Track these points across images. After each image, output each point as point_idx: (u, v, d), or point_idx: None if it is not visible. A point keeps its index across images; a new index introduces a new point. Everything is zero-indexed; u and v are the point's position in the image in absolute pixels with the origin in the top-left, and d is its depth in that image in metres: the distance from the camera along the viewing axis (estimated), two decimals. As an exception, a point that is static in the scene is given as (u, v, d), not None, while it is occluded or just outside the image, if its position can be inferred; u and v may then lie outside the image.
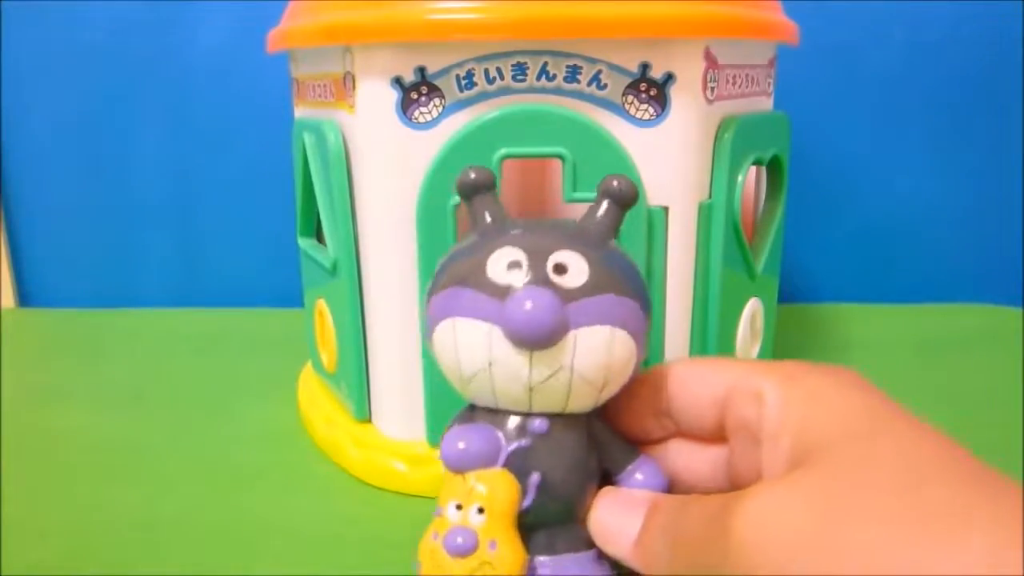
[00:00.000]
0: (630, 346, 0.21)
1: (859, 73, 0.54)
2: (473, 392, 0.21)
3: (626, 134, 0.28)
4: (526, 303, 0.19)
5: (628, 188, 0.22)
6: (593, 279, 0.20)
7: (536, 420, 0.21)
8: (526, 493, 0.20)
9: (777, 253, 0.37)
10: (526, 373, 0.20)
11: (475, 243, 0.22)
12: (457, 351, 0.20)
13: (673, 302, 0.30)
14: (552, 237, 0.21)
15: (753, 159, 0.32)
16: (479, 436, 0.21)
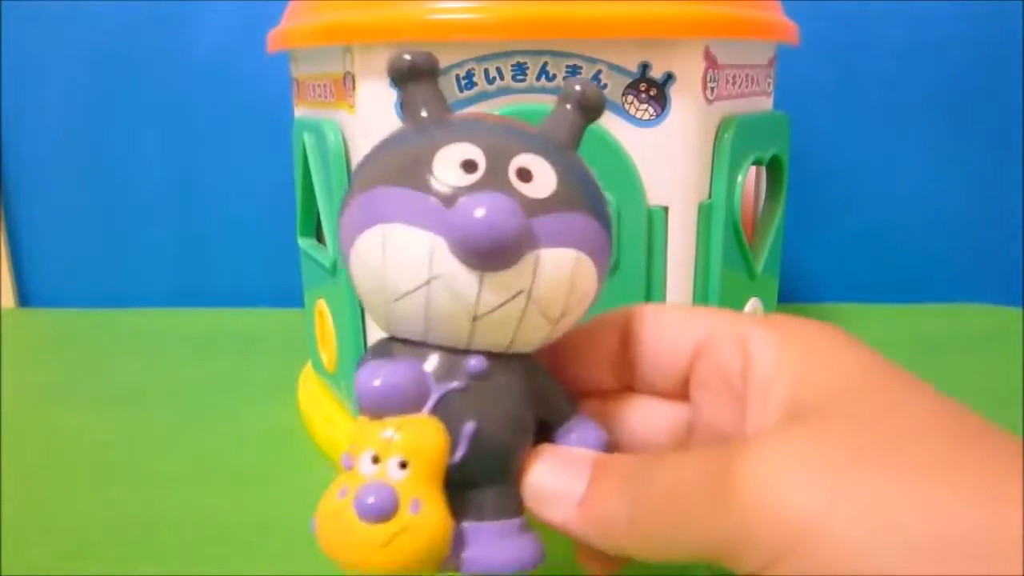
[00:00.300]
0: (594, 277, 0.18)
1: (859, 73, 0.54)
2: (398, 318, 0.17)
3: (626, 134, 0.27)
4: (484, 208, 0.16)
5: (592, 92, 0.19)
6: (562, 192, 0.17)
7: (473, 358, 0.17)
8: (457, 445, 0.17)
9: (777, 253, 0.37)
10: (473, 297, 0.16)
11: (414, 135, 0.18)
12: (385, 266, 0.17)
13: (673, 299, 0.30)
14: (515, 138, 0.18)
15: (753, 159, 0.32)
16: (403, 373, 0.17)
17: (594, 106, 0.19)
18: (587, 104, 0.19)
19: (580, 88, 0.19)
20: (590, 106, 0.19)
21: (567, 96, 0.19)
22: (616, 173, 0.28)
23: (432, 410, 0.17)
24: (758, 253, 0.35)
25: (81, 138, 0.57)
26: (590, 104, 0.19)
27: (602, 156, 0.27)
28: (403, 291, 0.17)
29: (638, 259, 0.28)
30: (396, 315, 0.17)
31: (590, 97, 0.19)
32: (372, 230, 0.17)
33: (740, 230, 0.31)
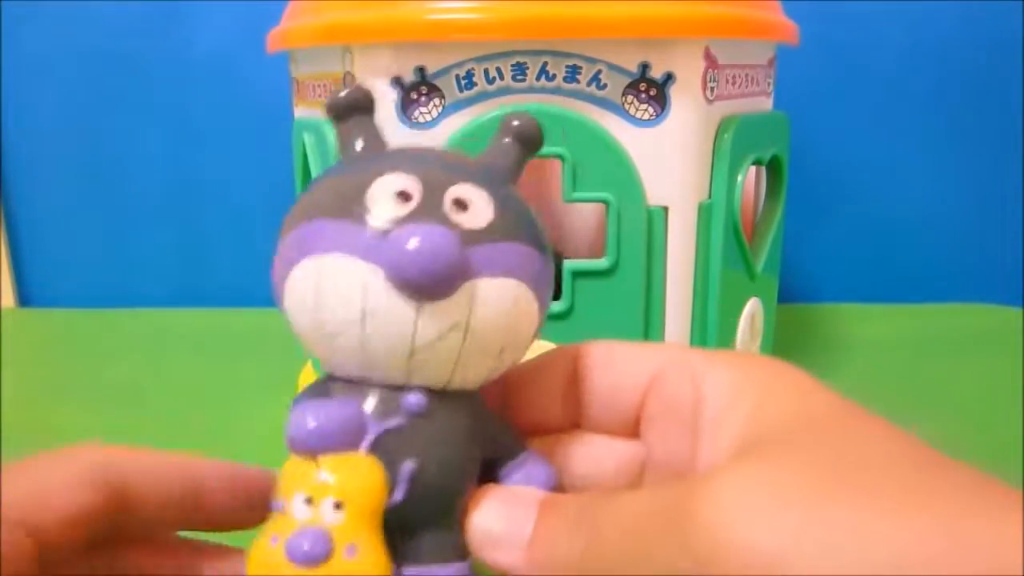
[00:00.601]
0: (535, 308, 0.17)
1: (859, 73, 0.54)
2: (334, 356, 0.17)
3: (626, 134, 0.27)
4: (418, 237, 0.15)
5: (528, 125, 0.19)
6: (499, 222, 0.17)
7: (412, 395, 0.17)
8: (395, 486, 0.16)
9: (777, 253, 0.37)
10: (410, 329, 0.16)
11: (348, 168, 0.18)
12: (320, 300, 0.16)
13: (673, 301, 0.30)
14: (451, 168, 0.17)
15: (753, 159, 0.32)
16: (336, 411, 0.16)
17: (530, 139, 0.19)
18: (524, 137, 0.19)
19: (517, 122, 0.19)
20: (526, 139, 0.19)
21: (505, 129, 0.19)
22: (616, 173, 0.28)
23: (370, 449, 0.16)
24: (758, 253, 0.35)
25: (81, 138, 0.57)
26: (526, 138, 0.19)
27: (602, 156, 0.27)
28: (337, 326, 0.16)
29: (638, 259, 0.28)
30: (333, 352, 0.17)
31: (526, 130, 0.19)
32: (305, 263, 0.16)
33: (740, 230, 0.31)
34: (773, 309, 0.38)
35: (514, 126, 0.19)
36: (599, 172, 0.27)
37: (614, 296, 0.29)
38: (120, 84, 0.55)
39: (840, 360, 0.44)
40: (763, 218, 0.37)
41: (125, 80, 0.55)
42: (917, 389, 0.40)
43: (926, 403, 0.39)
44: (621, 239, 0.28)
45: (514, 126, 0.19)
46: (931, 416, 0.37)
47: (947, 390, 0.40)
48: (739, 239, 0.32)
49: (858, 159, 0.55)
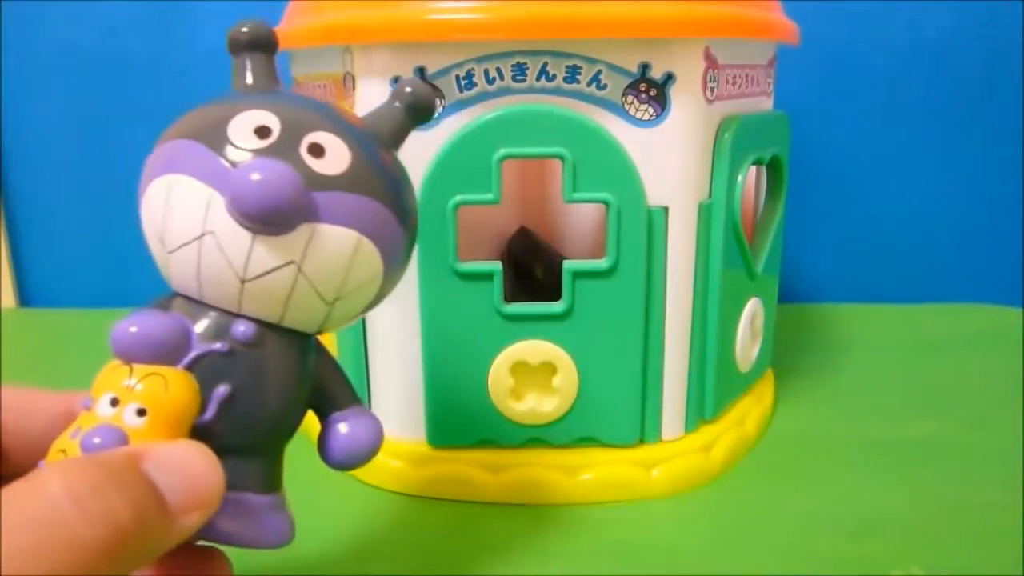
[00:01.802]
0: (376, 266, 0.18)
1: (859, 73, 0.54)
2: (174, 272, 0.18)
3: (626, 134, 0.27)
4: (259, 172, 0.16)
5: (423, 94, 0.19)
6: (353, 174, 0.17)
7: (241, 324, 0.17)
8: (206, 406, 0.17)
9: (777, 253, 0.37)
10: (242, 258, 0.17)
11: (225, 98, 0.18)
12: (166, 216, 0.17)
13: (673, 301, 0.30)
14: (318, 115, 0.18)
15: (753, 159, 0.32)
16: (160, 323, 0.17)
17: (419, 108, 0.20)
18: (415, 107, 0.19)
19: (411, 89, 0.19)
20: (415, 108, 0.19)
21: (398, 94, 0.19)
22: (616, 173, 0.27)
23: (187, 366, 0.17)
24: (758, 253, 0.35)
25: (81, 138, 0.56)
26: (415, 106, 0.19)
27: (603, 156, 0.27)
28: (178, 242, 0.17)
29: (638, 259, 0.28)
30: (172, 268, 0.18)
31: (417, 100, 0.19)
32: (161, 179, 0.17)
33: (740, 230, 0.31)
34: (774, 309, 0.38)
35: (406, 92, 0.19)
36: (599, 172, 0.27)
37: (614, 296, 0.28)
38: (120, 84, 0.55)
39: (841, 360, 0.44)
40: (763, 218, 0.36)
41: (125, 80, 0.55)
42: (919, 390, 0.40)
43: (928, 404, 0.38)
44: (621, 239, 0.28)
45: (406, 92, 0.19)
46: (933, 417, 0.37)
47: (948, 391, 0.40)
48: (739, 239, 0.32)
49: (859, 159, 0.55)
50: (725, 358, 0.33)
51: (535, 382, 0.30)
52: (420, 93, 0.19)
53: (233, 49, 0.19)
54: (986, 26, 0.53)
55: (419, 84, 0.19)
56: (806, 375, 0.42)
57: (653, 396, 0.30)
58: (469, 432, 0.30)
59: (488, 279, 0.28)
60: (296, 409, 0.19)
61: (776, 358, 0.40)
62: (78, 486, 0.13)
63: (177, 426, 0.16)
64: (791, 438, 0.35)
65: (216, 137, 0.17)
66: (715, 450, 0.32)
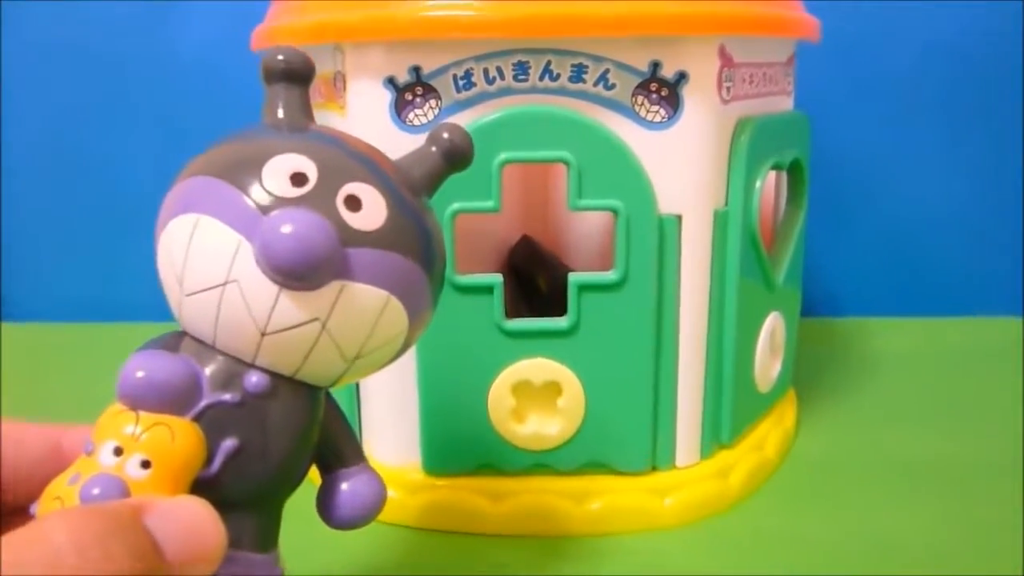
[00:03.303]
0: (402, 324, 0.18)
1: (882, 71, 0.53)
2: (190, 315, 0.18)
3: (636, 137, 0.27)
4: (293, 224, 0.16)
5: (461, 142, 0.19)
6: (388, 229, 0.17)
7: (255, 374, 0.17)
8: (212, 459, 0.17)
9: (798, 263, 0.37)
10: (265, 311, 0.17)
11: (259, 134, 0.18)
12: (188, 257, 0.17)
13: (687, 316, 0.29)
14: (357, 164, 0.18)
15: (772, 163, 0.31)
16: (171, 369, 0.17)
17: (456, 156, 0.20)
18: (452, 154, 0.20)
19: (448, 136, 0.19)
20: (454, 157, 0.20)
21: (434, 139, 0.20)
22: (625, 179, 0.27)
23: (196, 417, 0.17)
24: (778, 263, 0.35)
25: (66, 146, 0.56)
26: (455, 155, 0.20)
27: (610, 161, 0.27)
28: (199, 287, 0.17)
29: (648, 271, 0.28)
30: (188, 311, 0.18)
31: (457, 147, 0.20)
32: (185, 217, 0.17)
33: (758, 239, 0.31)
34: (795, 323, 0.38)
35: (443, 139, 0.20)
36: (607, 178, 0.27)
37: (623, 311, 0.28)
38: (103, 87, 0.55)
39: (866, 378, 0.44)
40: (783, 226, 0.36)
41: (108, 83, 0.55)
42: (948, 408, 0.40)
43: (957, 423, 0.38)
44: (630, 250, 0.28)
45: (443, 139, 0.20)
46: (963, 437, 0.37)
47: (979, 409, 0.40)
48: (757, 249, 0.31)
49: (883, 162, 0.55)
50: (743, 377, 0.32)
51: (539, 403, 0.29)
52: (457, 139, 0.20)
53: (268, 79, 0.19)
54: (1013, 20, 0.52)
55: (457, 130, 0.20)
56: (830, 394, 0.42)
57: (666, 418, 0.30)
58: (468, 457, 0.30)
59: (488, 292, 0.28)
60: (302, 464, 0.19)
61: (798, 376, 0.40)
62: (83, 537, 0.14)
63: (181, 479, 0.16)
64: (814, 462, 0.35)
65: (250, 180, 0.17)
66: (733, 476, 0.32)
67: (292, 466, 0.19)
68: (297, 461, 0.19)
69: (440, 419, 0.29)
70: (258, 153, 0.17)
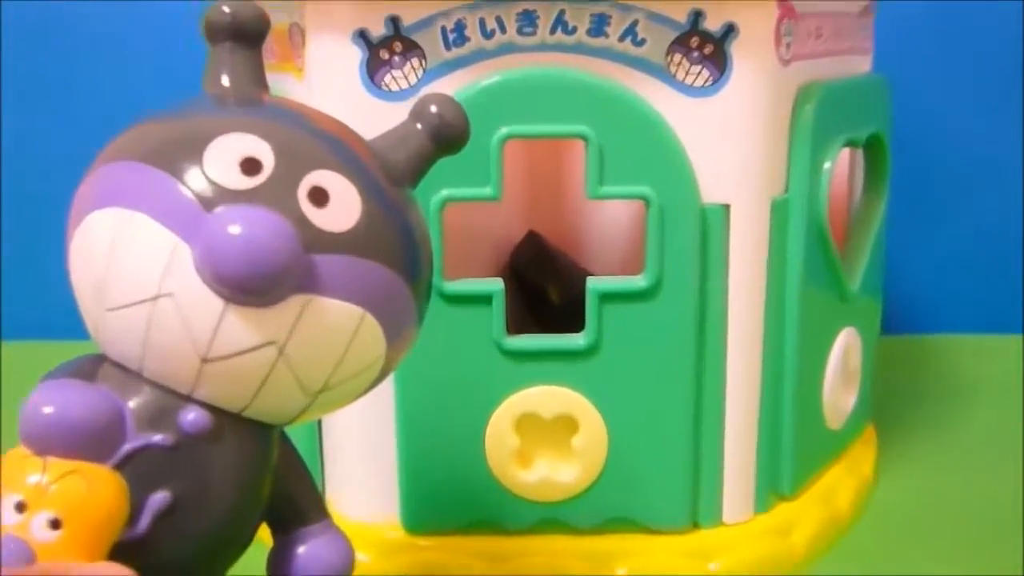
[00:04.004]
0: (378, 349, 0.18)
1: (982, 27, 0.53)
2: (111, 335, 0.17)
3: (672, 106, 0.27)
4: (243, 224, 0.16)
5: (452, 117, 0.20)
6: (364, 230, 0.17)
7: (192, 410, 0.17)
8: (138, 516, 0.17)
9: (878, 267, 0.37)
10: (207, 332, 0.16)
11: (199, 108, 0.18)
12: (111, 264, 0.17)
13: (737, 333, 0.29)
14: (324, 146, 0.18)
15: (844, 140, 0.32)
16: (86, 403, 0.17)
17: (450, 137, 0.20)
18: (442, 132, 0.20)
19: (437, 109, 0.19)
20: (445, 136, 0.20)
21: (420, 114, 0.20)
22: (659, 160, 0.27)
23: (118, 464, 0.17)
24: (852, 267, 0.35)
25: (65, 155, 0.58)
26: (445, 133, 0.20)
27: (640, 136, 0.27)
28: (123, 300, 0.17)
29: (688, 276, 0.28)
30: (110, 330, 0.17)
31: (448, 124, 0.20)
32: (107, 212, 0.17)
33: (828, 236, 0.31)
34: (874, 343, 0.38)
35: (430, 113, 0.20)
36: (635, 158, 0.27)
37: (655, 326, 0.28)
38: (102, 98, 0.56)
39: (963, 410, 0.44)
40: (859, 219, 0.36)
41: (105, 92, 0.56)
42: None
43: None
44: (665, 249, 0.28)
45: (430, 113, 0.20)
46: None
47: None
48: (826, 248, 0.31)
49: (983, 142, 0.55)
50: (808, 411, 0.32)
51: (549, 443, 0.29)
52: (448, 113, 0.20)
53: (210, 36, 0.19)
54: None
55: (447, 102, 0.20)
56: (917, 431, 0.42)
57: (710, 463, 0.30)
58: (459, 511, 0.30)
59: (485, 303, 0.28)
60: (250, 522, 0.19)
61: (877, 410, 0.40)
62: None
63: (99, 541, 0.16)
64: (898, 516, 0.35)
65: (188, 167, 0.17)
66: (795, 535, 0.32)
67: (238, 525, 0.19)
68: (244, 518, 0.19)
69: (424, 463, 0.29)
70: (199, 132, 0.17)
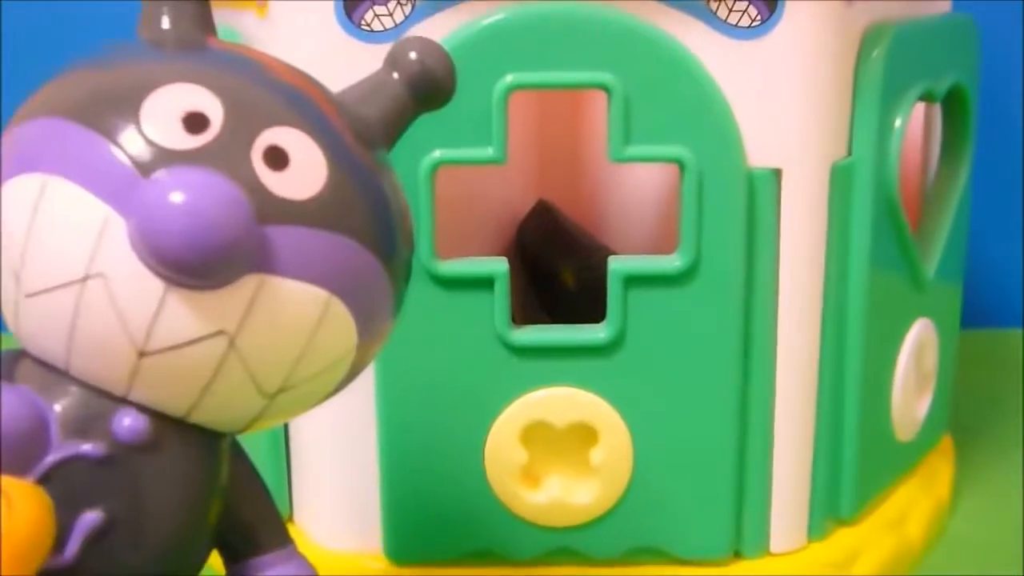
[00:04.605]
0: (348, 340, 0.19)
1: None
2: (30, 323, 0.18)
3: (713, 51, 0.27)
4: (186, 190, 0.16)
5: (436, 62, 0.20)
6: (329, 198, 0.18)
7: (128, 415, 0.18)
8: (66, 540, 0.17)
9: (959, 247, 0.37)
10: (145, 320, 0.17)
11: (134, 55, 0.18)
12: (29, 238, 0.17)
13: (789, 326, 0.29)
14: (283, 98, 0.18)
15: (920, 92, 0.31)
16: (7, 409, 0.17)
17: (431, 88, 0.20)
18: (418, 82, 0.20)
19: (417, 55, 0.20)
20: (425, 88, 0.20)
21: (396, 61, 0.20)
22: (697, 115, 0.27)
23: (41, 478, 0.17)
24: (929, 247, 0.35)
25: None
26: (426, 84, 0.20)
27: (674, 87, 0.27)
28: (44, 283, 0.17)
29: (731, 256, 0.28)
30: (30, 319, 0.18)
31: (429, 72, 0.20)
32: (23, 179, 0.17)
33: (899, 208, 0.31)
34: (954, 339, 0.38)
35: (409, 60, 0.20)
36: (668, 113, 0.27)
37: (692, 317, 0.28)
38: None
39: None
40: (937, 189, 0.36)
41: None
42: None
43: None
44: (704, 223, 0.28)
45: (409, 60, 0.20)
46: None
47: None
48: (898, 223, 0.31)
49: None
50: (874, 419, 0.32)
51: (562, 457, 0.29)
52: (430, 60, 0.20)
53: None
54: None
55: (429, 46, 0.20)
56: (1002, 444, 0.42)
57: (756, 482, 0.30)
58: (453, 539, 0.30)
59: (486, 287, 0.28)
60: (197, 548, 0.20)
61: (957, 418, 0.40)
62: None
63: (20, 568, 0.17)
64: (979, 545, 0.35)
65: (122, 124, 0.17)
66: (857, 567, 0.32)
67: (182, 550, 0.19)
68: (189, 543, 0.19)
69: (412, 481, 0.30)
70: (135, 84, 0.17)
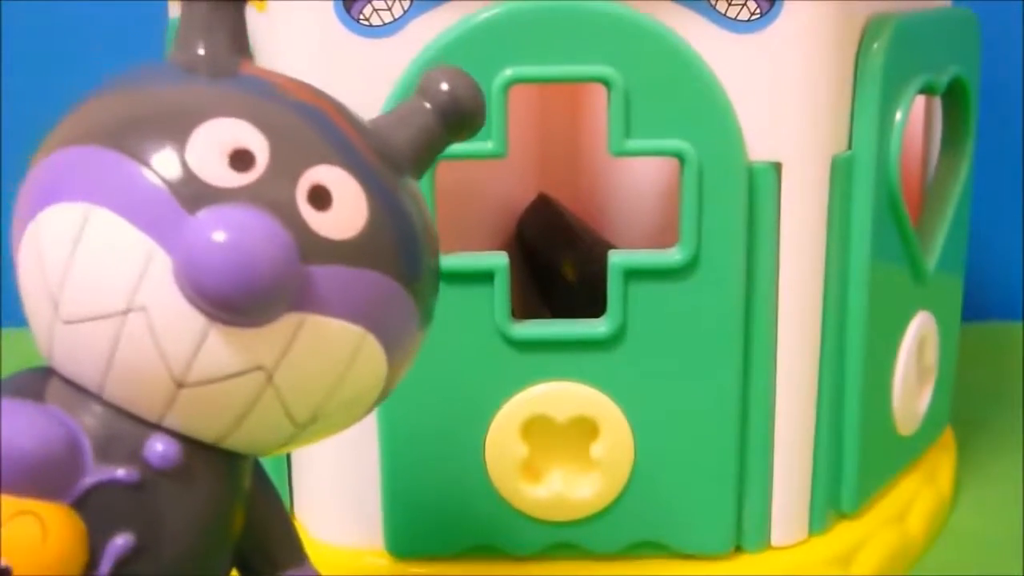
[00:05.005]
0: (378, 372, 0.19)
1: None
2: (67, 351, 0.18)
3: (713, 44, 0.27)
4: (232, 230, 0.16)
5: (465, 96, 0.20)
6: (369, 238, 0.18)
7: (160, 440, 0.18)
8: (97, 562, 0.18)
9: (960, 241, 0.37)
10: (186, 354, 0.17)
11: (177, 82, 0.19)
12: (69, 267, 0.17)
13: (789, 318, 0.30)
14: (326, 136, 0.18)
15: (921, 85, 0.32)
16: (39, 430, 0.17)
17: (458, 118, 0.20)
18: (451, 113, 0.20)
19: (447, 85, 0.20)
20: (457, 113, 0.20)
21: (427, 91, 0.20)
22: (697, 108, 0.27)
23: (76, 502, 0.17)
24: (929, 240, 0.35)
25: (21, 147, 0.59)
26: (458, 109, 0.20)
27: (675, 80, 0.27)
28: (85, 313, 0.17)
29: (731, 249, 0.28)
30: (67, 344, 0.18)
31: (459, 103, 0.20)
32: (64, 207, 0.17)
33: (900, 202, 0.31)
34: (955, 332, 0.38)
35: (440, 90, 0.20)
36: (668, 107, 0.27)
37: (692, 311, 0.28)
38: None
39: None
40: (938, 182, 0.36)
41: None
42: None
43: None
44: (704, 217, 0.28)
45: (440, 90, 0.20)
46: None
47: None
48: (898, 216, 0.32)
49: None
50: (875, 413, 0.33)
51: (563, 451, 0.30)
52: (461, 90, 0.20)
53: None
54: None
55: (459, 77, 0.20)
56: (1004, 437, 0.42)
57: (757, 475, 0.30)
58: (454, 534, 0.30)
59: (486, 281, 0.28)
60: (220, 564, 0.20)
61: (958, 411, 0.40)
62: None
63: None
64: (981, 539, 0.35)
65: (169, 156, 0.17)
66: (859, 562, 0.32)
67: (205, 570, 0.19)
68: (213, 563, 0.19)
69: (413, 476, 0.30)
70: (181, 115, 0.17)
